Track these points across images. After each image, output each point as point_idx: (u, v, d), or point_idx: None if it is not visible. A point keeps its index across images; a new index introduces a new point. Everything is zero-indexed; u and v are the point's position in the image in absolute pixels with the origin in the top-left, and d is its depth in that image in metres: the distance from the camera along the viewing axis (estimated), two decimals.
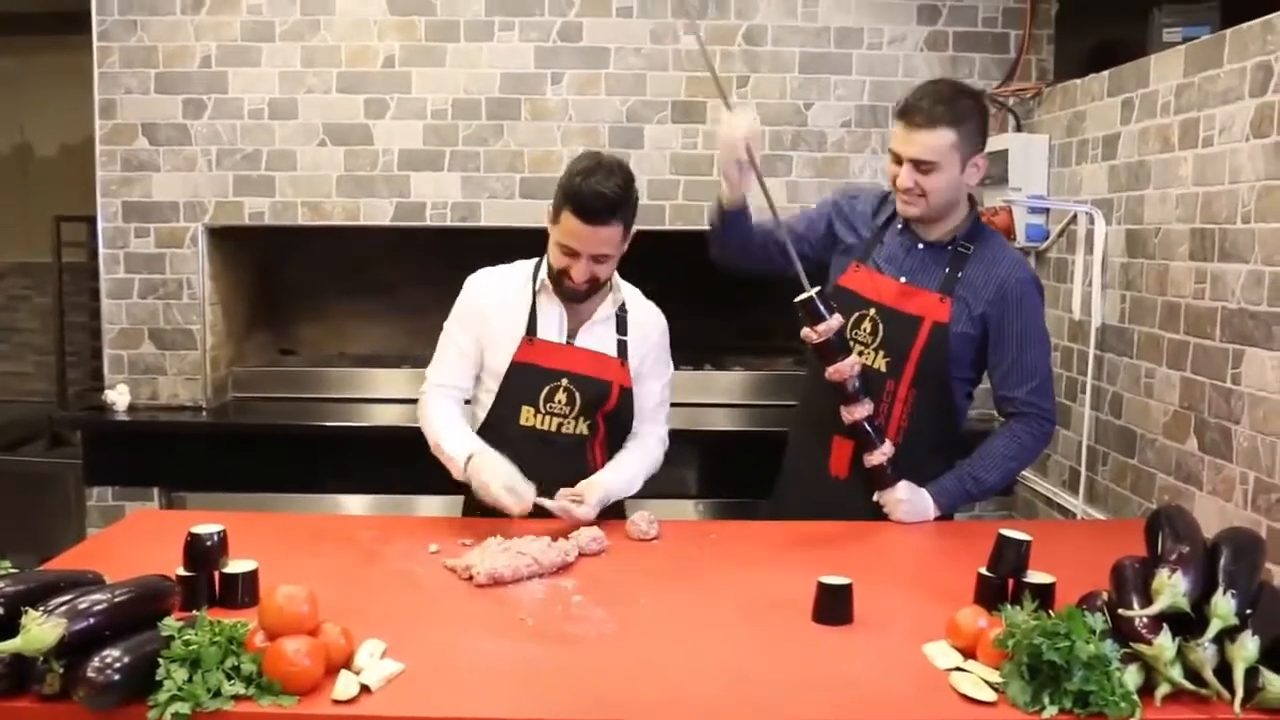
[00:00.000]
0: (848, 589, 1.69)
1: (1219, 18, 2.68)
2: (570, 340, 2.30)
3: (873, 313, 2.32)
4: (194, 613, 1.48)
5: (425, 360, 2.42)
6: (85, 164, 3.71)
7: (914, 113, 2.21)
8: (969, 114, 2.23)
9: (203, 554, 1.69)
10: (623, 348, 2.33)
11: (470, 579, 1.84)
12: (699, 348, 3.88)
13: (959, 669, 1.50)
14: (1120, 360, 2.96)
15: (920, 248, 2.33)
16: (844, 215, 2.44)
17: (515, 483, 2.09)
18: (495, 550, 1.90)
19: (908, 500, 2.27)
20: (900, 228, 2.36)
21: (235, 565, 1.71)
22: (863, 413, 2.24)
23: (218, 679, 1.36)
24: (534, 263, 2.35)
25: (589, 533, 2.05)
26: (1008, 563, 1.72)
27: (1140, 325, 2.85)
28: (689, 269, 2.79)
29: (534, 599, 1.78)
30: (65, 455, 4.38)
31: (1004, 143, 3.42)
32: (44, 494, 4.12)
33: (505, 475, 2.10)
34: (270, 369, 4.03)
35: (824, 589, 1.70)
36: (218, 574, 1.70)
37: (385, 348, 4.28)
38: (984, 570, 1.75)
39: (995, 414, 2.44)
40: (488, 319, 2.31)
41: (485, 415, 2.33)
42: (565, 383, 2.27)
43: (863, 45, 3.60)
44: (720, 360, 4.01)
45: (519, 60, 3.57)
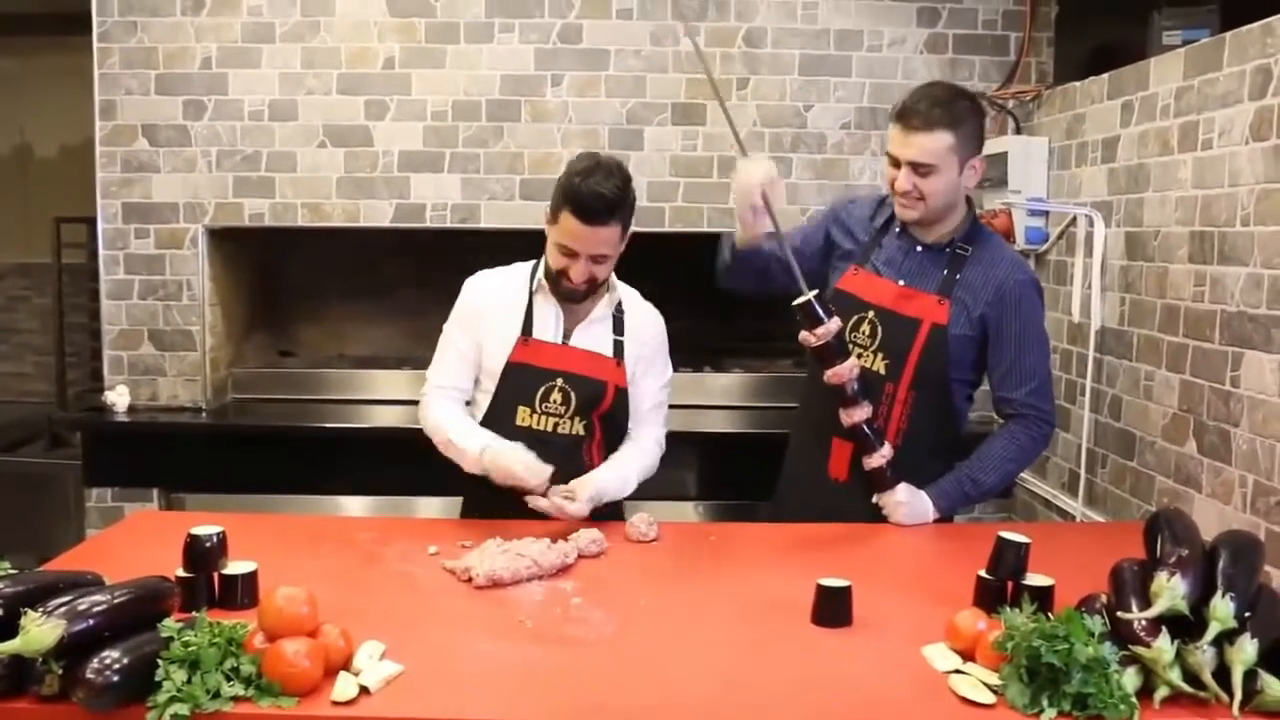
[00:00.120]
0: (847, 591, 1.69)
1: (1218, 21, 2.68)
2: (565, 340, 2.30)
3: (871, 315, 2.32)
4: (193, 614, 1.48)
5: (425, 362, 2.42)
6: (85, 165, 3.71)
7: (911, 116, 2.21)
8: (966, 116, 2.23)
9: (202, 555, 1.69)
10: (619, 348, 2.33)
11: (469, 581, 1.84)
12: (699, 350, 3.89)
13: (958, 671, 1.50)
14: (1119, 363, 2.96)
15: (919, 250, 2.33)
16: (841, 222, 2.44)
17: (531, 459, 2.13)
18: (494, 552, 1.90)
19: (907, 502, 2.27)
20: (898, 231, 2.36)
21: (234, 566, 1.71)
22: (861, 415, 2.24)
23: (217, 680, 1.36)
24: (532, 264, 2.36)
25: (588, 534, 2.05)
26: (1007, 565, 1.72)
27: (1139, 328, 2.85)
28: (689, 271, 2.79)
29: (533, 601, 1.78)
30: (65, 456, 4.37)
31: (1003, 145, 3.42)
32: (43, 495, 4.11)
33: (523, 453, 2.13)
34: (270, 370, 4.03)
35: (823, 591, 1.70)
36: (217, 575, 1.70)
37: (385, 349, 4.28)
38: (983, 573, 1.75)
39: (995, 416, 2.45)
40: (485, 320, 2.31)
41: (482, 416, 2.33)
42: (560, 382, 2.27)
43: (862, 47, 3.60)
44: (720, 362, 4.02)
45: (519, 62, 3.57)
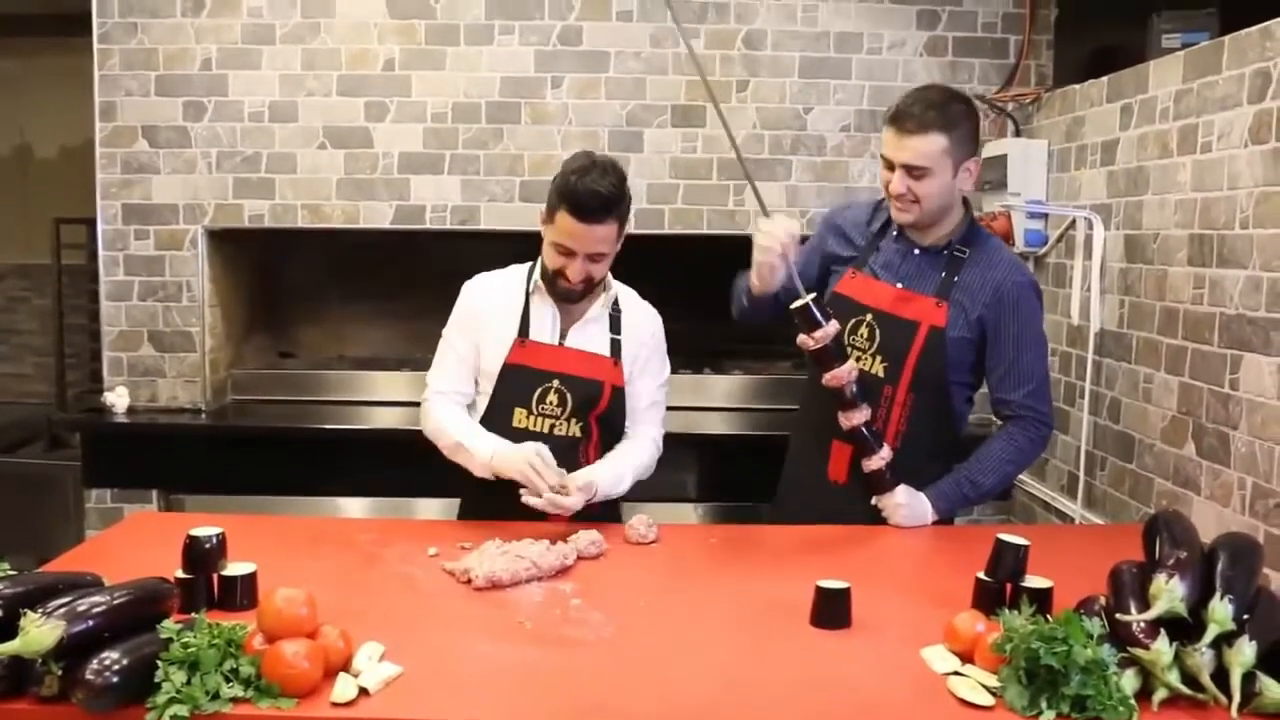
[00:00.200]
0: (846, 593, 1.70)
1: (1218, 24, 2.69)
2: (561, 340, 2.30)
3: (869, 318, 2.32)
4: (193, 615, 1.48)
5: (425, 364, 2.42)
6: (85, 166, 3.71)
7: (905, 118, 2.20)
8: (960, 119, 2.23)
9: (201, 556, 1.69)
10: (616, 347, 2.33)
11: (469, 582, 1.84)
12: (698, 351, 3.88)
13: (957, 673, 1.50)
14: (1119, 365, 2.96)
15: (916, 253, 2.34)
16: (837, 229, 2.44)
17: (537, 459, 2.13)
18: (494, 553, 1.90)
19: (906, 505, 2.27)
20: (896, 234, 2.36)
21: (234, 568, 1.71)
22: (860, 418, 2.25)
23: (216, 681, 1.36)
24: (529, 266, 2.35)
25: (587, 536, 2.05)
26: (1006, 567, 1.73)
27: (1139, 330, 2.85)
28: (688, 272, 2.79)
29: (532, 602, 1.78)
30: (64, 457, 4.37)
31: (1003, 148, 3.43)
32: (43, 496, 4.11)
33: (531, 453, 2.13)
34: (269, 371, 4.03)
35: (822, 593, 1.70)
36: (216, 576, 1.70)
37: (384, 350, 4.28)
38: (982, 575, 1.75)
39: (994, 418, 2.45)
40: (483, 322, 2.32)
41: (479, 418, 2.33)
42: (556, 384, 2.27)
43: (862, 50, 3.60)
44: (720, 364, 4.01)
45: (519, 64, 3.57)
